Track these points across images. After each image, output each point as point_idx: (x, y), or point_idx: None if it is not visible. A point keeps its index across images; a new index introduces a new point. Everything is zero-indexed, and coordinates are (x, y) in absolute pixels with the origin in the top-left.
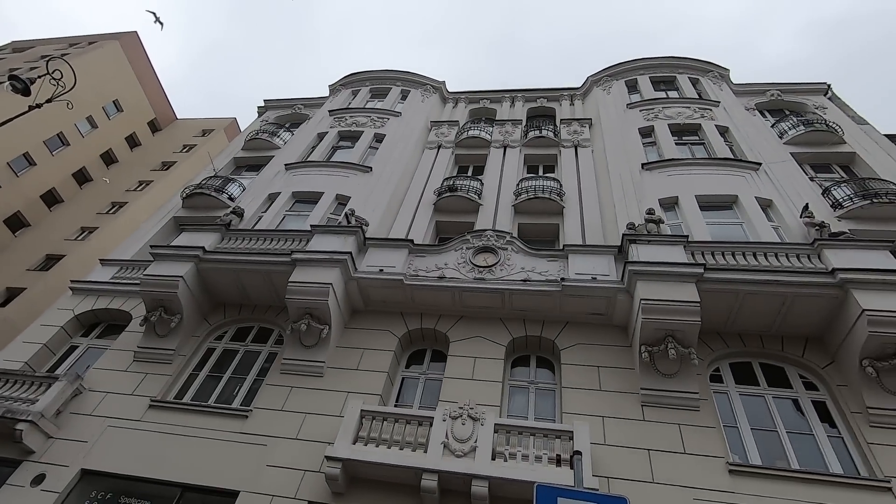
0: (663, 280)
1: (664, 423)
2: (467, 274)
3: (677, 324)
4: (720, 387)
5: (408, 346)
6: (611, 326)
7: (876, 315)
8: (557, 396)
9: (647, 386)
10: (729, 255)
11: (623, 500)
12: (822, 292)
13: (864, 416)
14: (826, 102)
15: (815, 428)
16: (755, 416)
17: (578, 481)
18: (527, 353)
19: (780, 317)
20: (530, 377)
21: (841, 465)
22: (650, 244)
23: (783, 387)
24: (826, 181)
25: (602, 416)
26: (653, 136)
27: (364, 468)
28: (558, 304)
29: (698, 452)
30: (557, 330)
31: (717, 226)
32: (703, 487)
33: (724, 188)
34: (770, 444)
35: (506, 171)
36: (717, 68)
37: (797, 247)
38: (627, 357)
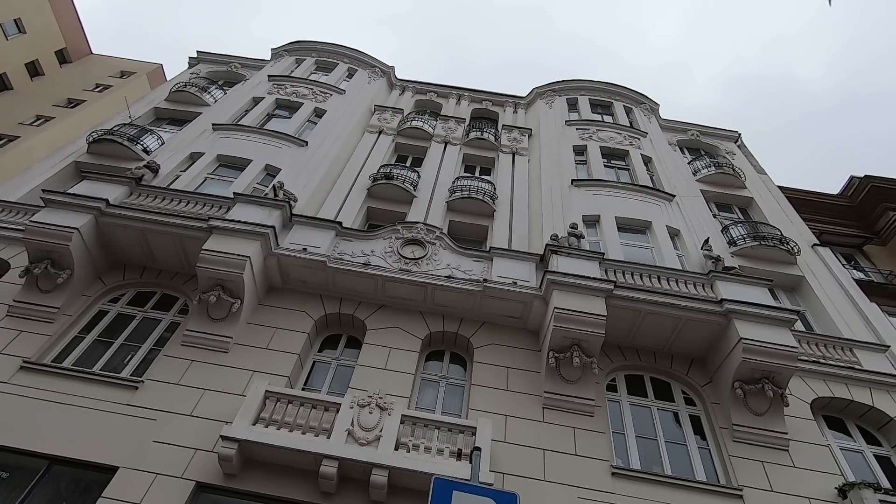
0: (577, 292)
1: (561, 426)
2: (393, 264)
3: (584, 334)
4: (614, 396)
5: (323, 330)
6: (524, 330)
7: (750, 343)
8: (466, 393)
9: (550, 390)
10: (637, 276)
11: (514, 497)
12: (710, 319)
13: (729, 431)
14: (735, 149)
15: (688, 439)
16: (640, 425)
17: (475, 476)
18: (442, 348)
19: (673, 337)
20: (442, 372)
21: (705, 474)
22: (570, 257)
23: (667, 400)
24: (726, 220)
25: (506, 414)
26: (585, 155)
27: (262, 450)
28: (478, 303)
29: (587, 455)
30: (474, 329)
31: (630, 247)
32: (588, 487)
33: (641, 214)
34: (650, 451)
35: (444, 166)
36: (650, 101)
37: (695, 276)
38: (535, 361)
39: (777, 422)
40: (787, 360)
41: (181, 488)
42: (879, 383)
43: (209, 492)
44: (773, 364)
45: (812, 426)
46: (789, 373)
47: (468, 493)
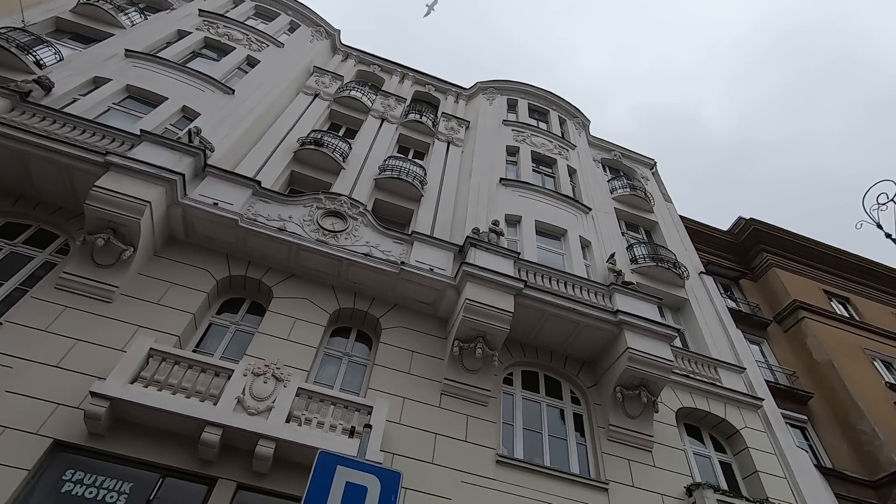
0: (489, 287)
1: (455, 413)
2: (311, 233)
3: (490, 328)
4: (509, 389)
5: (225, 292)
6: (434, 317)
7: (635, 353)
8: (368, 372)
9: (451, 377)
10: (547, 279)
11: (397, 475)
12: (605, 327)
13: (605, 430)
14: (650, 175)
15: (569, 435)
16: (529, 418)
17: (361, 452)
18: (349, 325)
19: (570, 339)
20: (347, 349)
21: (579, 467)
22: (487, 252)
23: (556, 397)
24: (632, 238)
25: (404, 397)
26: (516, 157)
27: (137, 411)
28: (392, 285)
29: (476, 442)
30: (385, 310)
31: (544, 251)
32: (472, 473)
33: (559, 221)
34: (534, 443)
35: (377, 143)
36: (583, 117)
37: (597, 286)
38: (440, 348)
39: (647, 425)
40: (663, 371)
41: (35, 445)
42: (733, 399)
43: (68, 451)
44: (651, 374)
45: (674, 431)
46: (663, 383)
47: (352, 469)
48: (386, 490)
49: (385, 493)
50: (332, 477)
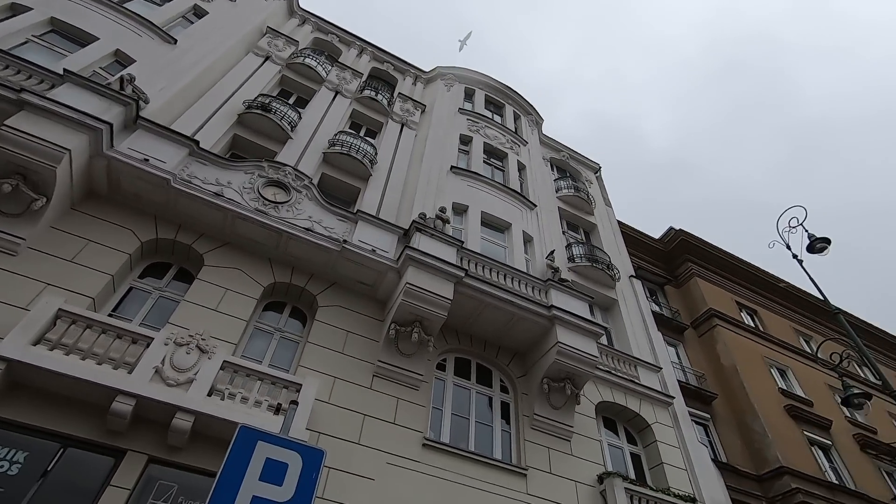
0: (431, 272)
1: (386, 395)
2: (250, 202)
3: (428, 313)
4: (442, 374)
5: (150, 255)
6: (373, 299)
7: (564, 348)
8: (300, 349)
9: (385, 360)
10: (487, 270)
11: (320, 453)
12: (539, 321)
13: (530, 419)
14: (594, 179)
15: (495, 422)
16: (458, 404)
17: (285, 429)
18: (284, 300)
19: (505, 330)
20: (279, 324)
21: (502, 453)
22: (432, 238)
23: (486, 385)
24: (571, 238)
25: (335, 376)
26: (469, 147)
27: (38, 375)
28: (333, 263)
29: (404, 425)
30: (322, 287)
31: (487, 242)
32: (398, 455)
33: (505, 214)
34: (461, 428)
35: (329, 116)
36: (537, 115)
37: (535, 280)
38: (376, 330)
39: (568, 416)
40: (588, 366)
41: None
42: (648, 396)
43: None
44: (577, 368)
45: (593, 423)
46: (588, 377)
47: (273, 445)
48: (307, 467)
49: (306, 471)
50: (252, 452)
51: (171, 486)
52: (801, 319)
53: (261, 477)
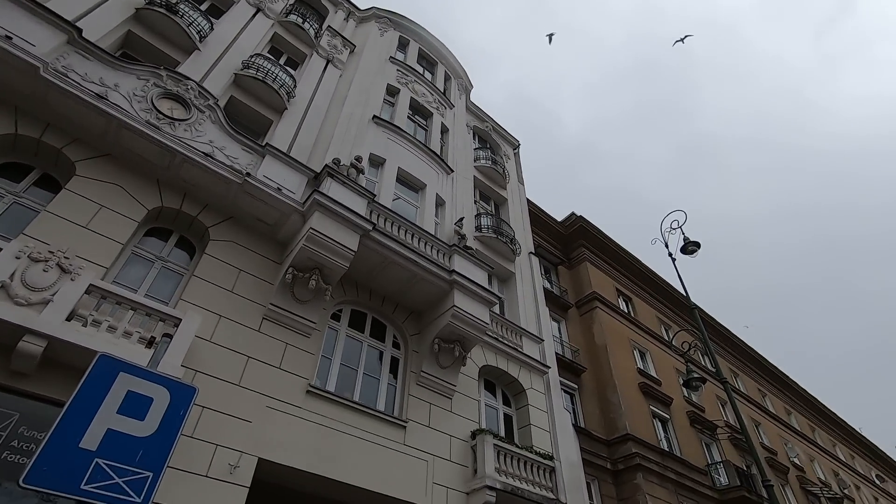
0: (337, 221)
1: (275, 339)
2: (140, 112)
3: (330, 262)
4: (336, 325)
5: (5, 154)
6: (272, 239)
7: (459, 312)
8: (184, 282)
9: (277, 304)
10: (396, 227)
11: (192, 390)
12: (439, 283)
13: (416, 376)
14: (511, 154)
15: (383, 376)
16: (348, 355)
17: (154, 362)
18: (170, 227)
19: (404, 288)
20: (162, 253)
21: (385, 405)
22: (343, 186)
23: (379, 340)
24: (482, 209)
25: (221, 315)
26: (395, 99)
27: None
28: (232, 196)
29: (290, 371)
30: (217, 220)
31: (400, 200)
32: (280, 399)
33: (421, 174)
34: (348, 379)
35: (246, 34)
36: (467, 80)
37: (441, 244)
38: (272, 272)
39: (453, 376)
40: (479, 331)
41: None
42: (527, 364)
43: None
44: (468, 332)
45: (474, 384)
46: (476, 341)
47: (138, 378)
48: (176, 404)
49: (174, 407)
50: (112, 383)
51: (10, 414)
52: (665, 310)
53: (120, 410)
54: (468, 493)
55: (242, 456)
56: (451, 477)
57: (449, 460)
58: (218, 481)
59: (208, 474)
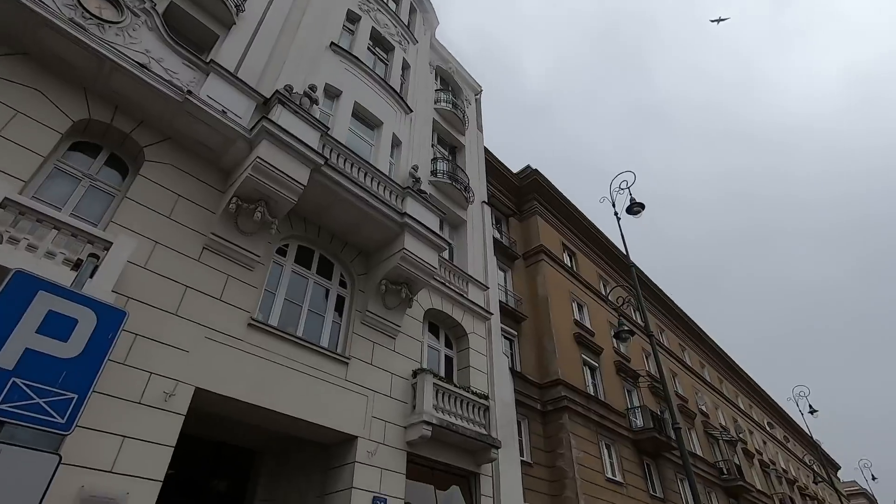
0: (287, 152)
1: (216, 270)
2: (63, 8)
3: (276, 194)
4: (281, 259)
5: None
6: (213, 165)
7: (408, 255)
8: (116, 204)
9: (220, 234)
10: (349, 164)
11: (121, 314)
12: (389, 224)
13: (362, 315)
14: (473, 100)
15: (328, 313)
16: (293, 291)
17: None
18: (99, 143)
19: (354, 228)
20: (90, 170)
21: (329, 342)
22: (295, 115)
23: (326, 277)
24: (438, 153)
25: (157, 241)
26: (356, 27)
27: None
28: (170, 114)
29: (231, 303)
30: (154, 139)
31: (355, 136)
32: (219, 331)
33: (379, 111)
34: (291, 314)
35: None
36: (434, 15)
37: (395, 185)
38: (214, 200)
39: (398, 317)
40: (426, 275)
41: None
42: (471, 310)
43: None
44: (416, 275)
45: (418, 326)
46: (423, 285)
47: (60, 298)
48: (103, 327)
49: (101, 331)
50: (31, 301)
51: None
52: (605, 267)
53: (40, 329)
54: (406, 427)
55: (178, 385)
56: (390, 412)
57: (389, 396)
58: (152, 408)
59: (142, 401)
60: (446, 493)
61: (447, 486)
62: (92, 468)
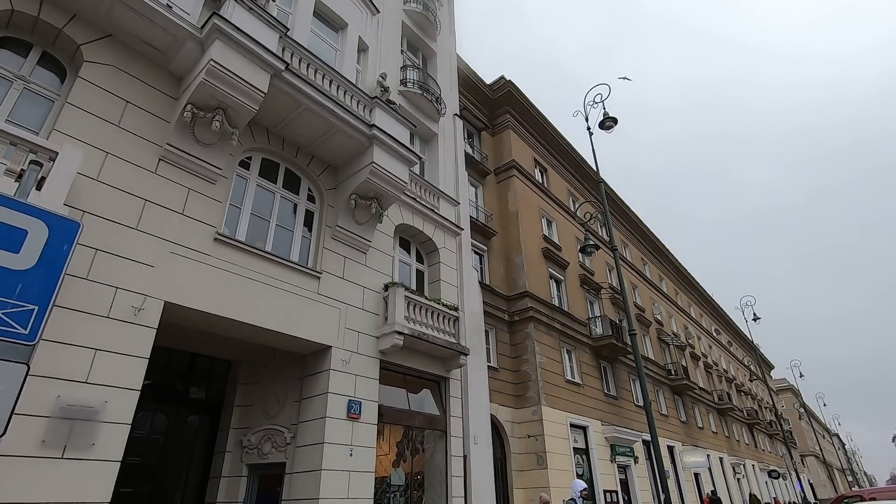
0: (243, 55)
1: (175, 183)
2: None
3: (235, 102)
4: (245, 172)
5: None
6: (163, 69)
7: (377, 169)
8: (56, 110)
9: (176, 144)
10: (312, 71)
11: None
12: (357, 137)
13: (332, 230)
14: (445, 2)
15: (297, 228)
16: (259, 206)
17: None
18: (29, 40)
19: (320, 140)
20: (22, 71)
21: (299, 257)
22: (250, 13)
23: (293, 192)
24: (409, 61)
25: (108, 152)
26: None
27: None
28: (107, 7)
29: (195, 217)
30: (92, 36)
31: (317, 39)
32: (184, 245)
33: (343, 10)
34: (259, 230)
35: None
36: None
37: (362, 95)
38: (167, 108)
39: (369, 232)
40: (397, 190)
41: None
42: (442, 225)
43: None
44: (386, 190)
45: (389, 241)
46: (393, 200)
47: (5, 208)
48: (56, 239)
49: (54, 242)
50: None
51: None
52: (575, 183)
53: None
54: (378, 336)
55: (147, 299)
56: (362, 323)
57: (362, 309)
58: (122, 322)
59: (110, 315)
60: (418, 396)
61: (419, 390)
62: (66, 379)
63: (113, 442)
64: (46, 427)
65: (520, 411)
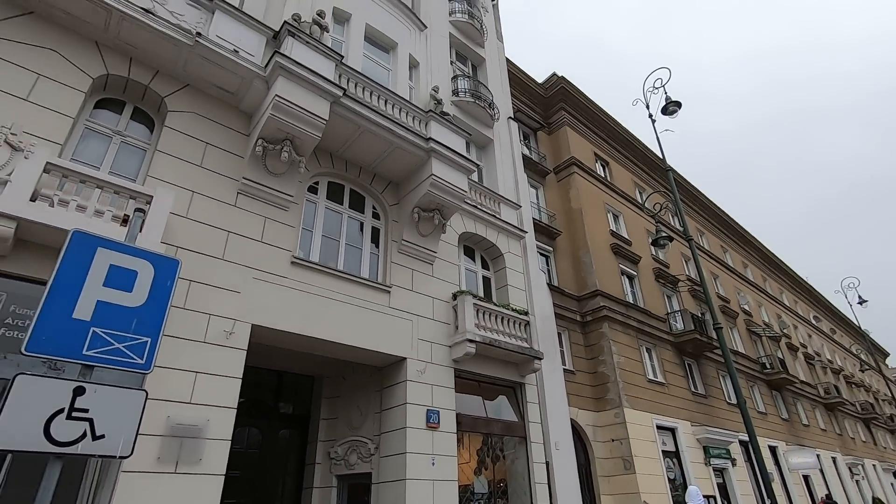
0: (305, 87)
1: (253, 214)
2: None
3: (300, 132)
4: (313, 197)
5: None
6: (236, 109)
7: (438, 180)
8: (148, 158)
9: (251, 177)
10: (368, 92)
11: (175, 262)
12: (416, 151)
13: (398, 244)
14: (490, 7)
15: (365, 245)
16: (329, 227)
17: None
18: (122, 98)
19: (381, 158)
20: (119, 126)
21: (369, 273)
22: (307, 46)
23: (359, 211)
24: (458, 70)
25: (194, 191)
26: None
27: None
28: (184, 60)
29: (272, 244)
30: (172, 88)
31: (370, 62)
32: (265, 270)
33: (392, 32)
34: (330, 250)
35: None
36: None
37: (417, 110)
38: (241, 145)
39: (434, 243)
40: (457, 199)
41: None
42: (505, 230)
43: None
44: (447, 200)
45: (454, 250)
46: (455, 209)
47: (117, 252)
48: (161, 276)
49: (160, 279)
50: (92, 258)
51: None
52: (640, 174)
53: (106, 283)
54: (451, 346)
55: (236, 323)
56: (434, 333)
57: (432, 319)
58: (217, 346)
59: (206, 340)
60: (494, 403)
61: (495, 397)
62: (174, 401)
63: (217, 457)
64: (161, 445)
65: (601, 414)
